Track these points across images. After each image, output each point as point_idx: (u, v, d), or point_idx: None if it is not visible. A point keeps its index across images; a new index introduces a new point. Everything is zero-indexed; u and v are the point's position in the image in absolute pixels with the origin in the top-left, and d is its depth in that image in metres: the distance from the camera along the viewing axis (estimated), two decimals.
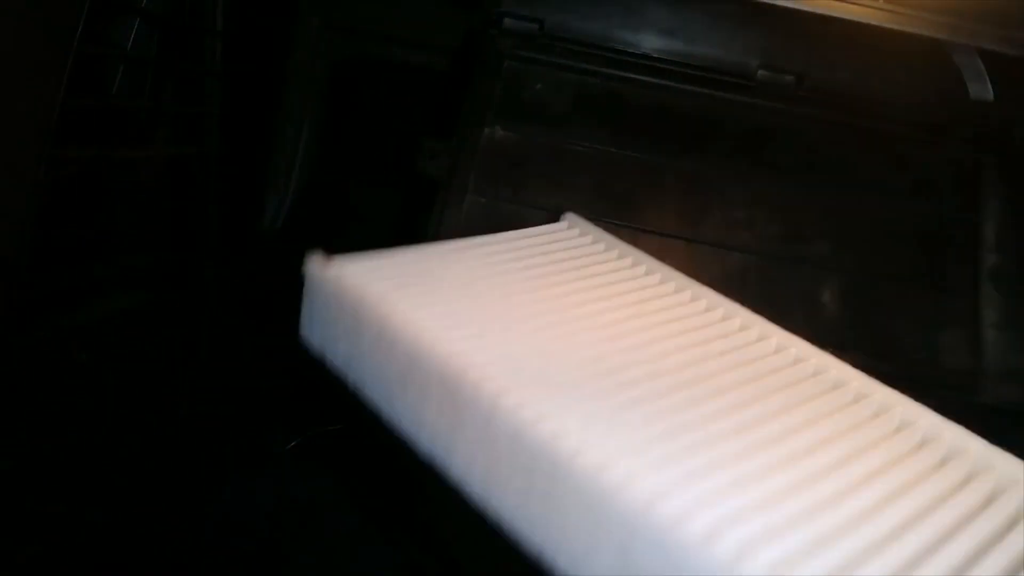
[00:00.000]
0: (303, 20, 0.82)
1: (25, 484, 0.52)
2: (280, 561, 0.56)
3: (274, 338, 0.66)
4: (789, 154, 0.66)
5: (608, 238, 0.41)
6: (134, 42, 0.56)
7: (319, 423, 0.62)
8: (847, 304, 0.65)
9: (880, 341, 0.65)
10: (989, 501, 0.27)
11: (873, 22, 0.43)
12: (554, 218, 0.44)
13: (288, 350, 0.65)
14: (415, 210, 0.84)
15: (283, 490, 0.59)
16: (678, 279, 0.38)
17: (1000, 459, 0.29)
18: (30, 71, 0.44)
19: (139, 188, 0.63)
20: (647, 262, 0.39)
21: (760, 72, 0.65)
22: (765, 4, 0.43)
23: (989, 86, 0.55)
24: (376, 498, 0.59)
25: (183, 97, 0.63)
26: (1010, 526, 0.26)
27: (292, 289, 0.72)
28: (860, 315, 0.65)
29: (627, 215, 0.66)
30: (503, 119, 0.66)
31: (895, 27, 0.43)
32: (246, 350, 0.66)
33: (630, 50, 0.66)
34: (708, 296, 0.37)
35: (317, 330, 0.38)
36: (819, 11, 0.43)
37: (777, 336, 0.35)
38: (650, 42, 0.66)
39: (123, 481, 0.59)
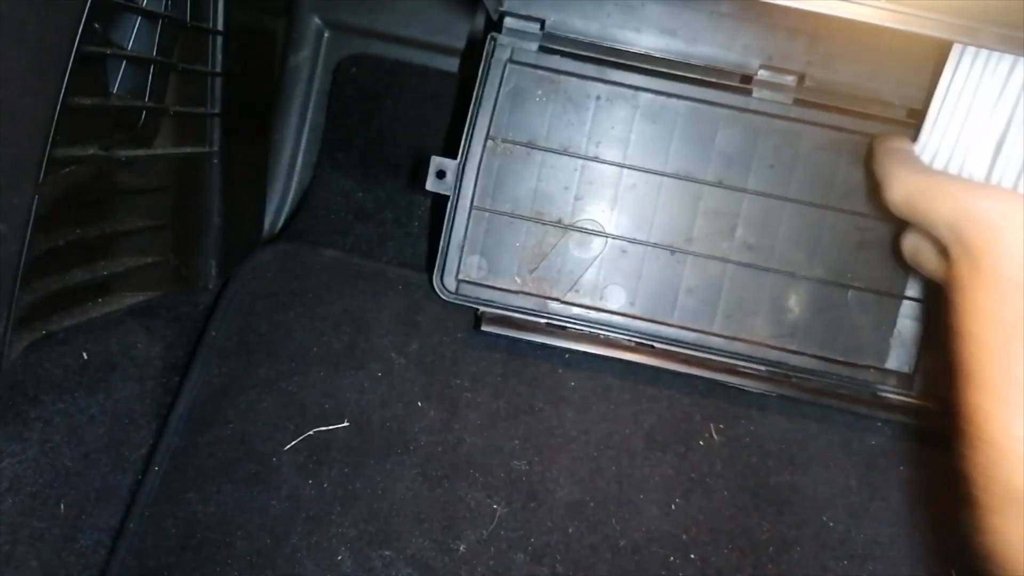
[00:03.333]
0: (303, 18, 0.82)
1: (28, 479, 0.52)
2: (283, 562, 0.56)
3: (276, 337, 0.66)
4: (785, 157, 0.66)
5: None
6: (134, 41, 0.56)
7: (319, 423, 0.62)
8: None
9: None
10: None
11: (874, 21, 0.43)
12: None
13: (289, 348, 0.65)
14: (418, 210, 0.84)
15: (284, 490, 0.59)
16: None
17: None
18: (29, 71, 0.44)
19: (141, 188, 0.63)
20: None
21: (760, 72, 0.65)
22: (766, 4, 0.43)
23: None
24: None
25: (184, 97, 0.63)
26: None
27: (293, 288, 0.72)
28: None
29: (620, 226, 0.67)
30: (505, 130, 0.66)
31: (896, 26, 0.43)
32: (247, 349, 0.66)
33: (630, 50, 0.66)
34: None
35: None
36: (820, 10, 0.43)
37: None
38: (650, 42, 0.66)
39: (125, 481, 0.59)
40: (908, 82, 0.64)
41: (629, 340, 0.66)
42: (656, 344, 0.66)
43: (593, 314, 0.67)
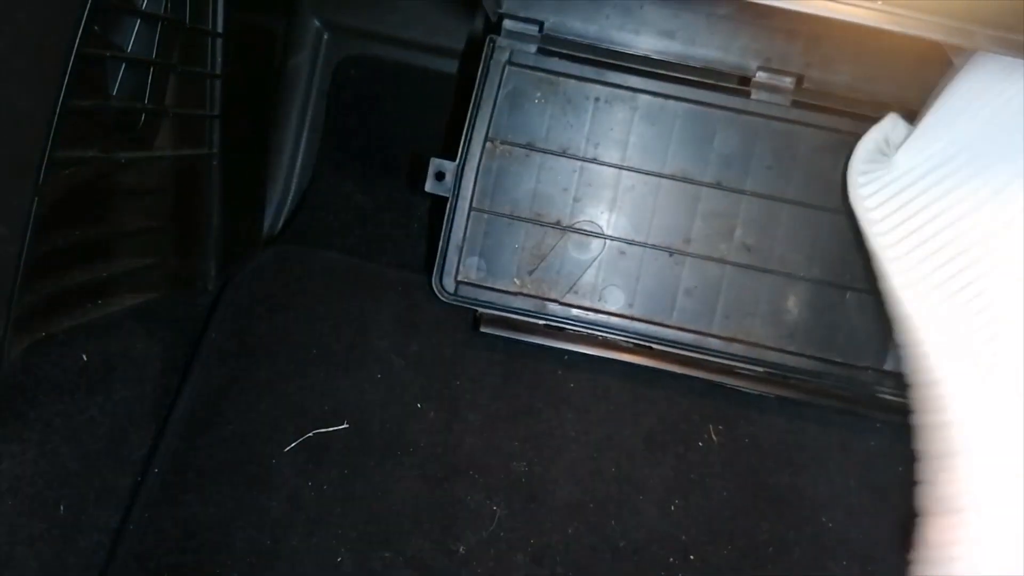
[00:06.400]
0: (303, 20, 0.82)
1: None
2: (283, 563, 0.56)
3: (275, 339, 0.66)
4: (784, 158, 0.66)
5: None
6: (134, 43, 0.56)
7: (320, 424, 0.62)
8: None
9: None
10: None
11: (872, 23, 0.44)
12: None
13: (289, 350, 0.65)
14: (417, 211, 0.84)
15: (284, 491, 0.59)
16: None
17: None
18: (29, 73, 0.44)
19: (140, 190, 0.63)
20: None
21: (759, 73, 0.66)
22: (764, 6, 0.43)
23: None
24: None
25: (183, 99, 0.63)
26: None
27: (293, 288, 0.72)
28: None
29: (618, 228, 0.67)
30: (504, 132, 0.66)
31: (894, 29, 0.43)
32: (247, 351, 0.66)
33: (629, 52, 0.66)
34: None
35: None
36: (818, 12, 0.43)
37: None
38: (649, 43, 0.66)
39: (124, 482, 0.59)
40: (906, 84, 0.64)
41: (627, 341, 0.66)
42: (655, 345, 0.66)
43: (592, 315, 0.67)
